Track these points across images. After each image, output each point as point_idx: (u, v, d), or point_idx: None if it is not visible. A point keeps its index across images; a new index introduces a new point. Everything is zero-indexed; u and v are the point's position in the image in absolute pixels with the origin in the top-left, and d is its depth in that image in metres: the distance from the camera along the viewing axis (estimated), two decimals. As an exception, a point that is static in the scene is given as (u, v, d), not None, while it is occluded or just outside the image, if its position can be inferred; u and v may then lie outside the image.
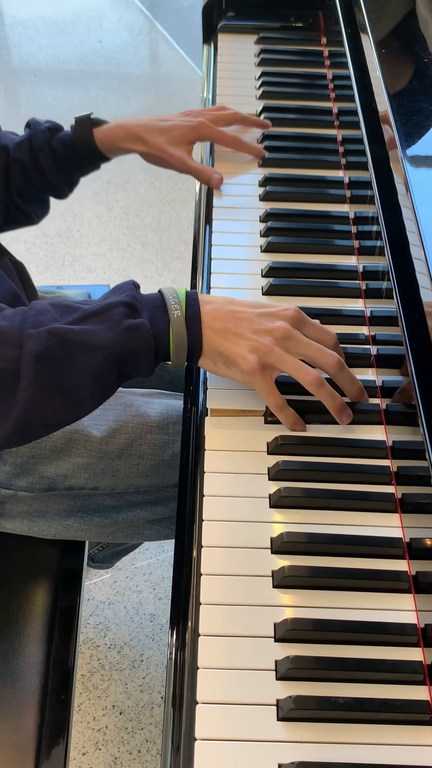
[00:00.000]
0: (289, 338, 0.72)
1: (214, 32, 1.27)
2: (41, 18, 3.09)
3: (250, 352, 0.72)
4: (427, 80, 0.88)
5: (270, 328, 0.73)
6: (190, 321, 0.73)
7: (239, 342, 0.72)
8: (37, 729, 0.82)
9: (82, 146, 1.02)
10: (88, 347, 0.68)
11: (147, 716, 1.33)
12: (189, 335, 0.73)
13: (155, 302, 0.73)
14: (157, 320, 0.72)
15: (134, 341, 0.70)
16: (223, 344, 0.73)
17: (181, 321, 0.72)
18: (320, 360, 0.73)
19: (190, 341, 0.73)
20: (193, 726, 0.57)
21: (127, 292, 0.73)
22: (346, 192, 0.99)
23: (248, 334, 0.72)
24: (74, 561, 0.97)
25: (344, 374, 0.74)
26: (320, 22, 1.25)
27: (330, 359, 0.73)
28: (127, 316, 0.70)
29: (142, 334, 0.70)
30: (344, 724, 0.57)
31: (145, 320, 0.71)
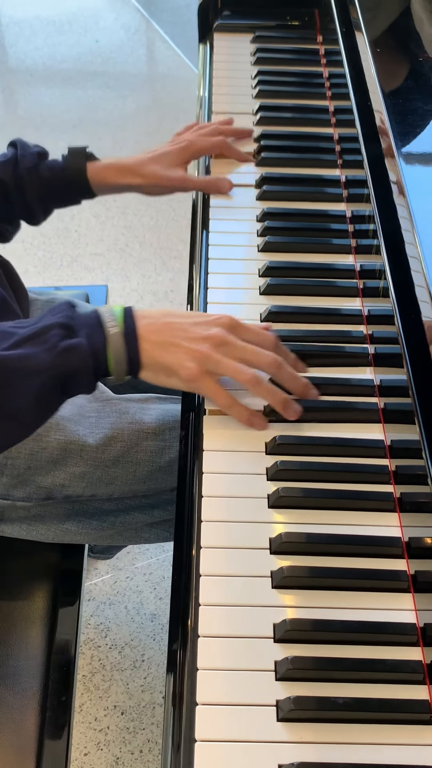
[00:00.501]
0: (225, 344, 0.73)
1: (210, 31, 1.27)
2: (37, 18, 3.08)
3: (189, 360, 0.73)
4: (422, 79, 0.88)
5: (206, 335, 0.73)
6: (127, 336, 0.73)
7: (177, 352, 0.73)
8: (39, 730, 0.82)
9: (72, 178, 1.00)
10: (26, 372, 0.69)
11: (148, 716, 1.33)
12: (127, 350, 0.73)
13: (91, 321, 0.74)
14: (94, 338, 0.72)
15: (73, 361, 0.70)
16: (162, 355, 0.73)
17: (119, 337, 0.73)
18: (257, 361, 0.74)
19: (128, 356, 0.73)
20: (193, 727, 0.57)
21: (63, 312, 0.73)
22: (342, 191, 0.99)
23: (185, 344, 0.73)
24: (74, 562, 0.97)
25: (283, 372, 0.75)
26: (316, 21, 1.25)
27: (266, 359, 0.74)
28: (63, 337, 0.71)
29: (80, 353, 0.71)
30: (344, 725, 0.57)
31: (82, 339, 0.71)
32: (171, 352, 0.73)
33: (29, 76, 2.82)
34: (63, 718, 0.84)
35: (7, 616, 0.89)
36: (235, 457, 0.72)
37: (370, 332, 0.83)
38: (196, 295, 0.90)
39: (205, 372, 0.73)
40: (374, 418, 0.76)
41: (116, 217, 2.29)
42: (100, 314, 0.74)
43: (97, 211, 2.30)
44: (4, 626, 0.89)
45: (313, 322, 0.84)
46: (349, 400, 0.77)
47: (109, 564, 1.52)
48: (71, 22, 3.06)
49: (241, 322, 0.76)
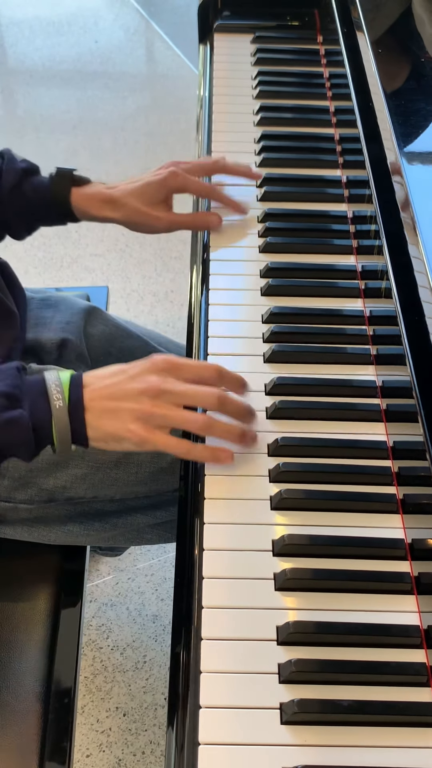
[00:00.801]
0: (163, 393, 0.70)
1: (210, 31, 1.27)
2: (37, 18, 3.08)
3: (132, 422, 0.70)
4: (424, 79, 0.88)
5: (142, 389, 0.70)
6: (73, 408, 0.70)
7: (119, 416, 0.70)
8: (41, 732, 0.82)
9: (56, 202, 0.94)
10: None
11: (151, 717, 1.33)
12: (72, 424, 0.70)
13: (37, 389, 0.70)
14: (38, 410, 0.69)
15: (12, 435, 0.68)
16: (106, 425, 0.70)
17: (64, 411, 0.70)
18: (200, 402, 0.71)
19: (73, 429, 0.70)
20: (196, 730, 0.57)
21: (9, 379, 0.70)
22: (344, 191, 0.99)
23: (125, 405, 0.70)
24: (76, 563, 0.96)
25: (228, 407, 0.72)
26: (316, 21, 1.24)
27: (208, 399, 0.71)
28: (5, 408, 0.68)
29: (20, 427, 0.68)
30: (348, 727, 0.57)
31: (24, 411, 0.68)
32: (114, 418, 0.70)
33: (29, 76, 2.82)
34: (65, 720, 0.84)
35: (9, 617, 0.89)
36: (237, 459, 0.72)
37: (372, 333, 0.82)
38: (197, 296, 0.90)
39: (152, 429, 0.70)
40: (377, 419, 0.76)
41: (116, 217, 2.28)
42: (46, 384, 0.71)
43: (97, 211, 2.29)
44: (7, 627, 0.88)
45: (314, 322, 0.84)
46: (352, 401, 0.77)
47: (110, 565, 1.52)
48: (70, 22, 3.06)
49: (177, 360, 0.72)
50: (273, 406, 0.76)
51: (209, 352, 0.82)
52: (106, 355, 1.04)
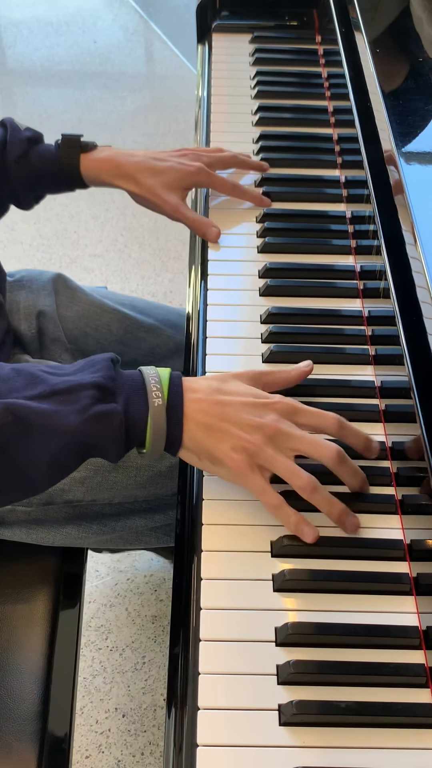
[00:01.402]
0: (279, 434, 0.66)
1: (208, 32, 1.27)
2: (35, 19, 3.08)
3: (237, 451, 0.65)
4: (422, 79, 0.88)
5: (259, 423, 0.66)
6: (171, 410, 0.66)
7: (224, 439, 0.66)
8: (40, 733, 0.82)
9: (64, 170, 0.93)
10: (49, 430, 0.62)
11: (150, 719, 1.32)
12: (169, 427, 0.66)
13: (134, 384, 0.67)
14: (134, 406, 0.65)
15: (103, 430, 0.64)
16: (207, 441, 0.66)
17: (162, 411, 0.66)
18: (316, 455, 0.66)
19: (169, 433, 0.66)
20: (194, 732, 0.56)
21: (103, 371, 0.66)
22: (342, 191, 0.98)
23: (235, 431, 0.66)
24: (75, 564, 0.96)
25: (345, 467, 0.67)
26: (315, 21, 1.24)
27: (327, 452, 0.66)
28: (98, 401, 0.64)
29: (113, 422, 0.64)
30: (347, 729, 0.57)
31: (118, 406, 0.65)
32: (218, 438, 0.66)
33: (27, 77, 2.82)
34: (64, 721, 0.84)
35: (8, 618, 0.89)
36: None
37: (371, 333, 0.82)
38: (196, 297, 0.89)
39: (254, 466, 0.66)
40: (375, 419, 0.76)
41: (115, 218, 2.29)
42: (145, 378, 0.67)
43: (96, 212, 2.29)
44: (5, 628, 0.88)
45: (313, 323, 0.84)
46: (350, 402, 0.77)
47: (110, 566, 1.52)
48: (69, 23, 3.06)
49: (300, 405, 0.68)
50: (271, 406, 0.76)
51: (208, 352, 0.82)
52: (83, 336, 1.02)
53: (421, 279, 0.67)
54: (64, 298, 1.02)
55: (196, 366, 0.82)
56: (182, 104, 2.67)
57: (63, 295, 1.02)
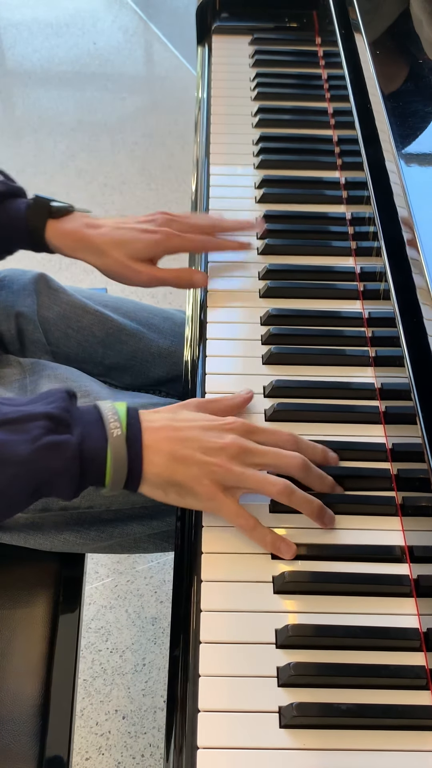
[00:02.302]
0: (243, 451, 0.65)
1: (208, 33, 1.27)
2: (35, 20, 3.08)
3: (206, 476, 0.64)
4: (422, 81, 0.88)
5: (221, 444, 0.65)
6: (131, 440, 0.64)
7: (190, 466, 0.64)
8: (40, 735, 0.82)
9: (29, 232, 0.87)
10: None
11: (150, 720, 1.32)
12: (130, 458, 0.64)
13: (90, 417, 0.65)
14: (91, 438, 0.63)
15: (54, 461, 0.61)
16: (172, 470, 0.64)
17: (122, 441, 0.64)
18: (282, 465, 0.66)
19: (131, 465, 0.64)
20: (195, 735, 0.56)
21: (58, 402, 0.64)
22: (342, 193, 0.98)
23: (199, 456, 0.64)
24: (75, 566, 0.96)
25: (311, 474, 0.67)
26: (314, 23, 1.24)
27: (292, 461, 0.66)
28: (50, 431, 0.62)
29: (66, 453, 0.62)
30: (347, 731, 0.57)
31: (72, 437, 0.63)
32: (183, 465, 0.64)
33: (27, 78, 2.82)
34: (64, 723, 0.84)
35: (7, 620, 0.89)
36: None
37: (371, 335, 0.82)
38: (195, 298, 0.89)
39: (225, 489, 0.65)
40: (375, 421, 0.76)
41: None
42: (101, 410, 0.66)
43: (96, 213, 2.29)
44: (5, 631, 0.88)
45: (313, 324, 0.84)
46: (350, 404, 0.77)
47: (109, 568, 1.52)
48: (69, 24, 3.06)
49: (253, 425, 0.68)
50: (271, 408, 0.76)
51: (208, 354, 0.82)
52: (65, 337, 1.00)
53: (421, 280, 0.67)
54: (46, 299, 1.00)
55: (196, 368, 0.82)
56: (182, 106, 2.67)
57: (45, 296, 1.00)
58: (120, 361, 1.00)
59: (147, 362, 1.01)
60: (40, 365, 0.93)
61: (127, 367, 1.01)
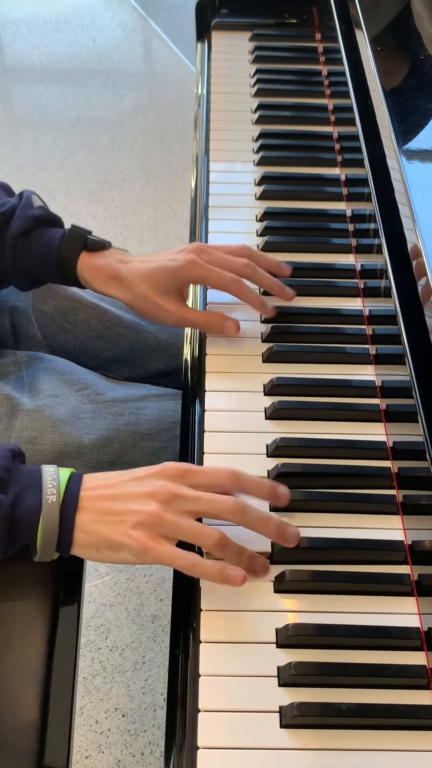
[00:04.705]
0: (175, 497, 0.63)
1: (207, 29, 1.26)
2: (34, 17, 3.07)
3: (135, 528, 0.62)
4: (423, 77, 0.87)
5: (150, 491, 0.63)
6: (65, 506, 0.63)
7: (118, 519, 0.63)
8: (39, 733, 0.82)
9: (60, 262, 0.83)
10: None
11: (150, 718, 1.32)
12: (62, 525, 0.63)
13: (30, 480, 0.64)
14: (25, 501, 0.63)
15: None
16: (102, 528, 0.63)
17: (56, 508, 0.63)
18: (215, 512, 0.63)
19: (62, 531, 0.63)
20: (195, 734, 0.56)
21: (0, 461, 0.64)
22: (342, 189, 0.98)
23: (128, 506, 0.63)
24: (74, 564, 0.96)
25: (249, 517, 0.64)
26: (314, 19, 1.24)
27: (226, 506, 0.63)
28: None
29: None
30: (348, 731, 0.57)
31: (5, 497, 0.62)
32: (111, 521, 0.63)
33: (26, 75, 2.81)
34: (64, 721, 0.83)
35: (6, 618, 0.89)
36: (236, 460, 0.72)
37: (371, 332, 0.82)
38: (196, 294, 0.89)
39: (156, 537, 0.62)
40: (376, 419, 0.75)
41: (114, 216, 2.28)
42: (42, 476, 0.64)
43: (95, 210, 2.29)
44: (4, 628, 0.88)
45: (313, 322, 0.84)
46: (351, 401, 0.77)
47: (109, 565, 1.52)
48: (68, 20, 3.05)
49: (189, 466, 0.65)
50: (272, 406, 0.75)
51: (207, 352, 0.81)
52: (62, 331, 1.00)
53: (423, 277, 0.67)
54: (42, 293, 0.99)
55: (196, 366, 0.82)
56: (182, 102, 2.66)
57: (40, 290, 0.99)
58: (118, 354, 1.00)
59: (146, 355, 1.00)
60: (36, 358, 0.93)
61: (125, 360, 1.00)
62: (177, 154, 2.47)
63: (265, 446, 0.73)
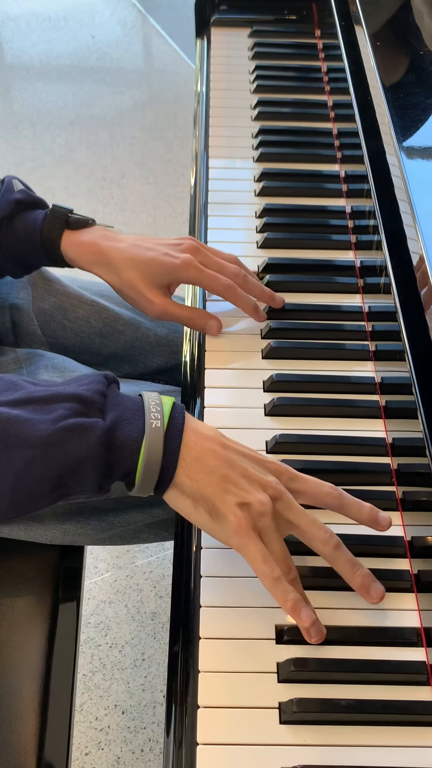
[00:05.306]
0: (281, 499, 0.60)
1: (207, 26, 1.26)
2: (33, 14, 3.07)
3: (242, 508, 0.59)
4: (423, 73, 0.87)
5: (265, 481, 0.60)
6: (169, 437, 0.59)
7: (231, 490, 0.59)
8: (39, 729, 0.82)
9: (43, 243, 0.82)
10: (15, 439, 0.55)
11: (149, 715, 1.32)
12: (165, 455, 0.59)
13: (130, 404, 0.60)
14: (126, 426, 0.58)
15: (74, 446, 0.56)
16: (210, 487, 0.59)
17: (159, 434, 0.58)
18: (311, 536, 0.60)
19: (165, 462, 0.59)
20: (194, 731, 0.56)
21: (92, 384, 0.60)
22: (342, 186, 0.98)
23: (242, 483, 0.59)
24: (74, 560, 0.96)
25: (340, 556, 0.61)
26: (314, 15, 1.24)
27: (319, 534, 0.60)
28: (76, 413, 0.57)
29: (90, 438, 0.56)
30: (347, 727, 0.57)
31: (102, 422, 0.58)
32: (222, 487, 0.59)
33: (25, 72, 2.81)
34: (63, 718, 0.83)
35: (6, 615, 0.89)
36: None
37: (371, 329, 0.82)
38: (195, 292, 0.89)
39: (256, 528, 0.59)
40: (376, 415, 0.75)
41: (114, 213, 2.28)
42: (144, 399, 0.61)
43: (95, 207, 2.29)
44: (4, 625, 0.88)
45: (313, 318, 0.84)
46: (350, 398, 0.77)
47: (109, 563, 1.52)
48: (67, 17, 3.05)
49: (296, 472, 0.63)
50: (271, 402, 0.75)
51: (207, 350, 0.81)
52: (61, 328, 0.99)
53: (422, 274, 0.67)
54: (41, 290, 0.99)
55: (195, 363, 0.82)
56: (181, 99, 2.66)
57: (39, 287, 0.99)
58: (118, 350, 1.00)
59: (145, 351, 1.00)
60: (36, 356, 0.93)
61: (125, 356, 1.00)
62: (176, 151, 2.47)
63: (264, 443, 0.73)
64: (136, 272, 0.80)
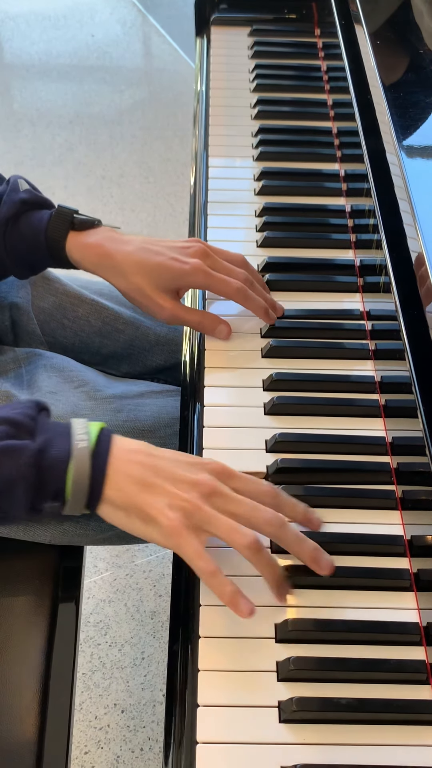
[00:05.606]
0: (216, 494, 0.61)
1: (206, 25, 1.26)
2: (33, 12, 3.07)
3: (173, 509, 0.60)
4: (423, 71, 0.87)
5: (194, 480, 0.61)
6: (96, 455, 0.61)
7: (158, 495, 0.61)
8: (38, 728, 0.82)
9: (48, 244, 0.81)
10: None
11: (149, 714, 1.32)
12: (92, 473, 0.61)
13: (59, 428, 0.62)
14: (55, 447, 0.60)
15: (5, 467, 0.58)
16: (138, 495, 0.61)
17: (86, 454, 0.60)
18: (254, 519, 0.61)
19: (92, 480, 0.61)
20: (194, 729, 0.56)
21: (23, 409, 0.62)
22: (342, 185, 0.98)
23: (168, 487, 0.61)
24: (74, 559, 0.96)
25: (287, 534, 0.62)
26: (314, 14, 1.24)
27: (266, 516, 0.61)
28: (6, 435, 0.59)
29: (19, 459, 0.59)
30: (347, 725, 0.57)
31: (31, 443, 0.60)
32: (151, 493, 0.61)
33: (25, 71, 2.81)
34: (63, 717, 0.83)
35: (6, 614, 0.89)
36: (236, 455, 0.72)
37: (371, 328, 0.82)
38: (194, 291, 0.89)
39: (190, 527, 0.60)
40: (375, 414, 0.75)
41: (113, 212, 2.28)
42: (71, 424, 0.63)
43: (94, 207, 2.29)
44: (3, 624, 0.88)
45: (312, 317, 0.84)
46: (350, 397, 0.77)
47: (108, 562, 1.52)
48: (67, 16, 3.04)
49: (232, 470, 0.64)
50: (271, 401, 0.75)
51: (206, 348, 0.81)
52: (61, 328, 0.99)
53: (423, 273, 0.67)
54: (41, 289, 0.98)
55: (195, 362, 0.82)
56: (181, 98, 2.66)
57: (39, 286, 0.98)
58: (117, 350, 1.00)
59: (145, 350, 1.00)
60: (35, 355, 0.93)
61: (124, 355, 1.00)
62: (176, 150, 2.47)
63: (264, 441, 0.73)
64: (144, 277, 0.79)
